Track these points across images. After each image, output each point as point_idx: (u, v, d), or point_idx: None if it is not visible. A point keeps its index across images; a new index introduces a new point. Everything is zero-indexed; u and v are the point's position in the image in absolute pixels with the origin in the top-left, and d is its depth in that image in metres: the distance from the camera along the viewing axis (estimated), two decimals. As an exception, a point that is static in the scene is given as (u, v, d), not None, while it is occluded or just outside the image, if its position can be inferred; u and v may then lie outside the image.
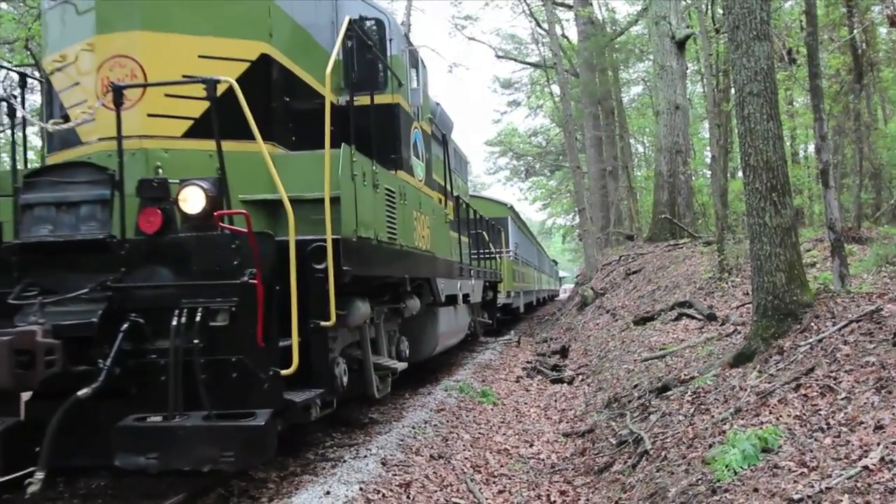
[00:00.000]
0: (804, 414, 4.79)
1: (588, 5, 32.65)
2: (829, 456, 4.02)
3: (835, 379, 5.02)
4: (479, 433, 8.04)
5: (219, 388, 4.72)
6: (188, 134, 5.78)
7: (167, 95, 5.72)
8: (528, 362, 14.21)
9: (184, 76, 5.65)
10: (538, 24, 36.76)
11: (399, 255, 7.08)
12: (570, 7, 34.81)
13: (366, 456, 6.19)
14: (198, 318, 4.74)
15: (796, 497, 3.67)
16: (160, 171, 5.58)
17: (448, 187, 11.59)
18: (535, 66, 43.08)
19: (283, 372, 4.83)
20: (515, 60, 45.69)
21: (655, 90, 26.02)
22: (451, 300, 10.26)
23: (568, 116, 25.87)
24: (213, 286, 4.88)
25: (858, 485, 3.57)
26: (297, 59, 6.68)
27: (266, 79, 6.19)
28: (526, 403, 10.24)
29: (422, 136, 9.44)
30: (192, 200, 5.08)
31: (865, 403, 4.46)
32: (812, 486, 3.71)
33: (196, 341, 4.68)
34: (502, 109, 56.40)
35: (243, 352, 4.79)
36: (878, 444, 3.90)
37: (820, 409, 4.72)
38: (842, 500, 3.49)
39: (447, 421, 8.15)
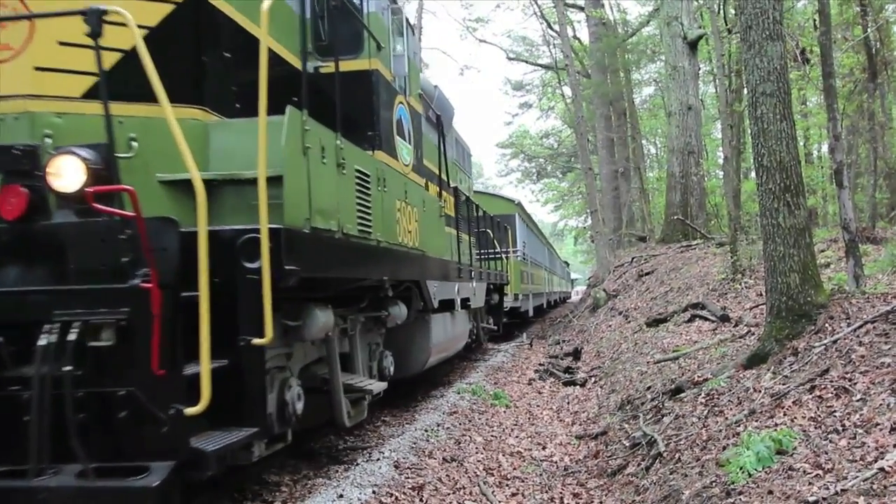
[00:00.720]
0: (819, 415, 4.75)
1: (600, 6, 32.63)
2: (844, 458, 3.99)
3: (850, 380, 4.98)
4: (492, 436, 8.03)
5: (101, 433, 3.56)
6: (91, 94, 4.24)
7: (62, 44, 4.27)
8: (540, 364, 14.19)
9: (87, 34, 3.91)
10: (549, 26, 36.78)
11: (375, 252, 5.83)
12: (581, 8, 34.80)
13: (378, 459, 6.20)
14: (73, 337, 3.49)
15: (811, 499, 3.64)
16: (49, 141, 4.15)
17: (444, 177, 10.09)
18: (546, 67, 43.06)
19: (189, 410, 3.54)
20: (527, 62, 45.68)
21: (667, 91, 25.94)
22: (448, 305, 9.37)
23: (579, 118, 25.83)
24: (95, 292, 3.62)
25: (874, 487, 3.54)
26: (246, 11, 5.18)
27: (195, 26, 4.76)
28: (538, 406, 10.22)
29: (409, 114, 7.93)
30: (67, 174, 3.76)
31: (881, 405, 4.43)
32: (827, 489, 3.69)
33: (70, 368, 3.46)
34: (514, 111, 56.40)
35: (135, 382, 3.54)
36: (894, 446, 3.87)
37: (835, 411, 4.69)
38: (857, 503, 3.46)
39: (460, 424, 8.14)
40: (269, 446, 4.69)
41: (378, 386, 6.48)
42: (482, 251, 14.03)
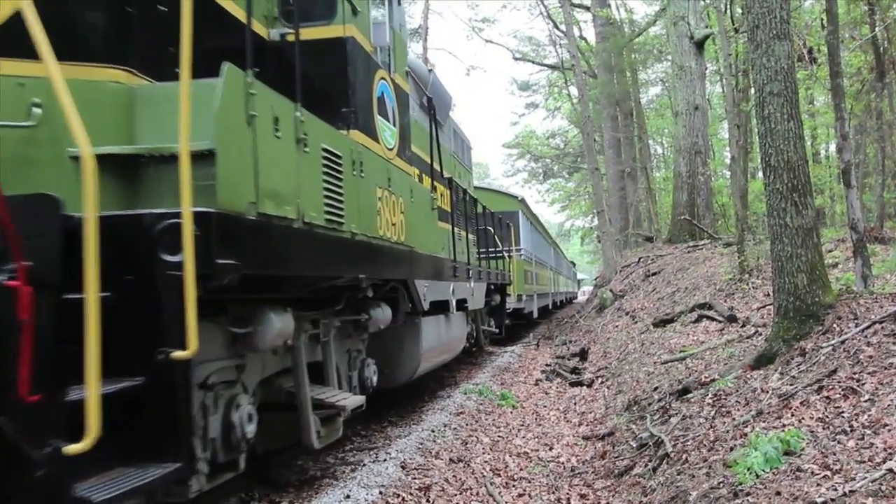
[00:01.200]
0: (827, 416, 4.74)
1: (606, 6, 32.59)
2: (852, 458, 3.98)
3: (858, 381, 4.96)
4: (499, 436, 8.02)
5: None
6: None
7: None
8: (547, 365, 14.17)
9: None
10: (556, 26, 36.77)
11: (349, 246, 5.03)
12: (587, 8, 34.78)
13: (385, 460, 6.20)
14: None
15: (819, 500, 3.63)
16: None
17: (437, 166, 9.24)
18: (552, 67, 43.04)
19: (71, 448, 2.63)
20: (533, 62, 45.66)
21: (674, 91, 25.90)
22: (442, 307, 8.59)
23: (586, 118, 25.80)
24: None
25: (883, 488, 3.52)
26: None
27: None
28: (545, 406, 10.21)
29: (393, 93, 6.93)
30: None
31: (889, 405, 4.41)
32: (836, 490, 3.67)
33: None
34: (520, 112, 56.31)
35: None
36: (903, 447, 3.85)
37: (843, 412, 4.67)
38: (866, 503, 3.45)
39: (466, 424, 8.14)
40: (215, 477, 4.05)
41: (353, 401, 5.54)
42: (484, 250, 13.58)
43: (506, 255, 16.47)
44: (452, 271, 8.94)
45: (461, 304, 9.80)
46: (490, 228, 14.70)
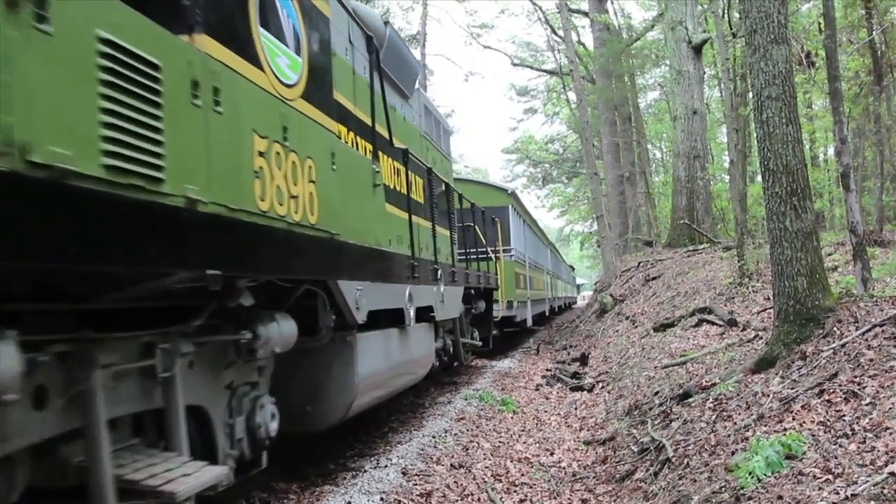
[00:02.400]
0: (828, 420, 4.73)
1: (604, 11, 32.66)
2: (854, 462, 3.97)
3: (859, 384, 4.96)
4: (500, 442, 8.01)
5: None
6: None
7: None
8: (547, 370, 14.17)
9: None
10: (554, 32, 36.82)
11: (180, 221, 3.04)
12: (585, 14, 34.86)
13: (386, 466, 6.19)
14: None
15: (821, 504, 3.62)
16: None
17: (382, 130, 6.82)
18: (551, 73, 43.11)
19: None
20: (531, 68, 45.76)
21: (672, 95, 25.94)
22: (394, 318, 6.74)
23: (584, 123, 25.83)
24: None
25: (885, 491, 3.52)
26: None
27: None
28: (546, 411, 10.20)
29: (297, 10, 4.80)
30: None
31: (890, 408, 4.41)
32: (837, 493, 3.67)
33: None
34: (519, 117, 56.34)
35: None
36: (905, 450, 3.85)
37: (844, 415, 4.67)
38: (868, 508, 3.45)
39: (467, 430, 8.13)
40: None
41: (196, 482, 3.23)
42: (466, 251, 11.87)
43: (492, 255, 14.61)
44: (410, 271, 7.02)
45: (425, 314, 8.00)
46: (475, 226, 13.15)
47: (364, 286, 5.56)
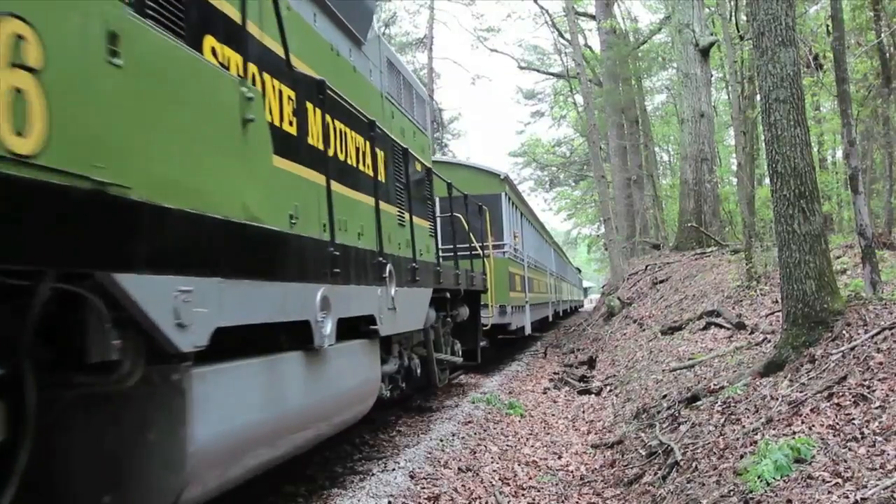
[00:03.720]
0: (837, 423, 4.72)
1: (611, 15, 32.64)
2: (864, 466, 3.96)
3: (868, 387, 4.94)
4: (507, 445, 8.00)
5: None
6: None
7: None
8: (554, 373, 14.15)
9: None
10: (561, 35, 36.85)
11: None
12: (592, 17, 34.84)
13: (394, 469, 6.19)
14: None
15: (831, 508, 3.61)
16: None
17: (270, 44, 4.58)
18: (558, 76, 43.14)
19: None
20: (538, 71, 45.86)
21: (680, 98, 25.92)
22: (298, 336, 4.40)
23: (592, 126, 25.81)
24: None
25: (895, 495, 3.51)
26: None
27: None
28: (554, 415, 10.18)
29: None
30: None
31: (900, 412, 4.39)
32: (847, 497, 3.65)
33: None
34: (526, 120, 56.57)
35: None
36: (915, 454, 3.84)
37: (853, 419, 4.65)
38: (878, 511, 3.43)
39: (475, 433, 8.12)
40: None
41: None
42: (451, 246, 10.18)
43: (481, 251, 12.42)
44: (329, 265, 4.81)
45: (362, 326, 5.70)
46: (461, 217, 11.23)
47: (203, 286, 3.18)
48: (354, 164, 6.10)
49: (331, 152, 5.45)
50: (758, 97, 9.14)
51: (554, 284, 27.84)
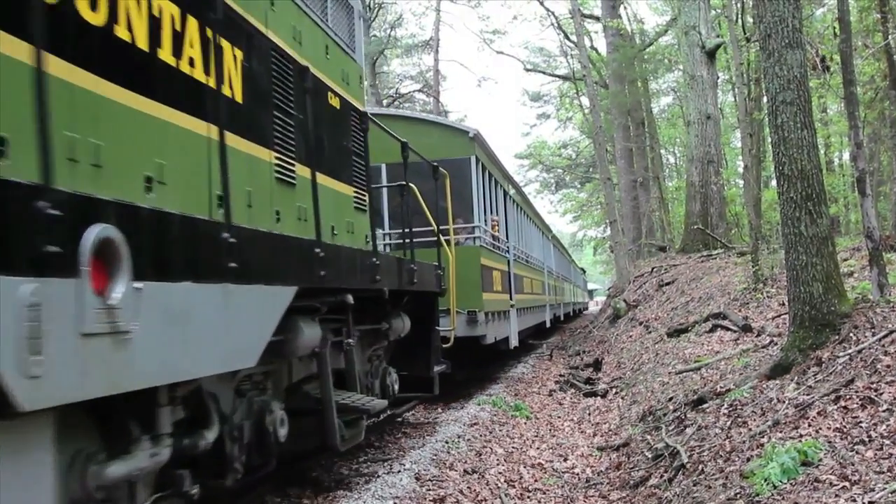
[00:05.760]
0: (845, 426, 4.70)
1: (617, 17, 32.63)
2: (871, 469, 3.94)
3: (876, 390, 4.92)
4: (513, 447, 8.00)
5: None
6: None
7: None
8: (560, 375, 14.13)
9: None
10: (566, 37, 36.87)
11: None
12: (598, 19, 34.84)
13: (399, 471, 6.19)
14: None
15: (838, 511, 3.60)
16: None
17: None
18: (564, 78, 43.13)
19: None
20: (544, 73, 45.82)
21: (686, 100, 25.91)
22: None
23: (598, 128, 25.78)
24: None
25: (902, 499, 3.49)
26: None
27: None
28: (559, 417, 10.17)
29: None
30: None
31: (908, 415, 4.38)
32: (854, 501, 3.64)
33: None
34: (531, 122, 56.43)
35: None
36: (923, 457, 3.82)
37: (861, 422, 4.64)
38: (886, 515, 3.42)
39: (480, 435, 8.12)
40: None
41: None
42: (405, 229, 8.21)
43: (439, 237, 8.96)
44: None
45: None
46: (413, 187, 8.36)
47: None
48: (151, 52, 3.32)
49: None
50: (764, 99, 9.12)
51: (553, 285, 24.56)
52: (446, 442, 7.43)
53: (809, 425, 4.95)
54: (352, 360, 5.95)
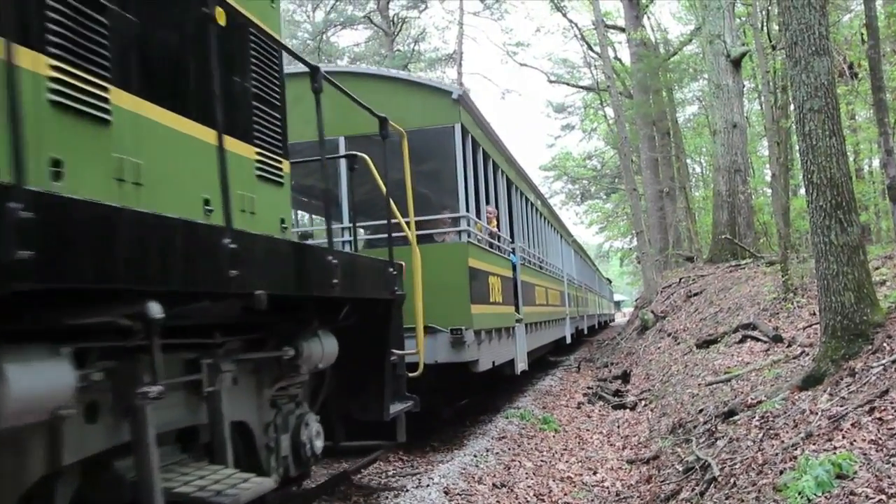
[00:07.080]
0: (880, 438, 4.62)
1: (640, 27, 32.56)
2: (908, 482, 3.87)
3: (911, 401, 4.84)
4: (542, 461, 7.95)
5: None
6: None
7: None
8: (588, 388, 14.05)
9: None
10: (590, 48, 36.86)
11: None
12: (622, 29, 34.79)
13: (428, 485, 6.18)
14: None
15: (875, 525, 3.53)
16: None
17: None
18: (588, 89, 43.10)
19: None
20: (568, 84, 45.81)
21: (711, 109, 25.73)
22: None
23: (623, 139, 25.70)
24: None
25: (941, 512, 3.42)
26: None
27: None
28: (588, 430, 10.10)
29: None
30: None
31: (945, 427, 4.30)
32: (891, 514, 3.58)
33: None
34: (556, 134, 56.47)
35: None
36: (961, 470, 3.74)
37: (896, 433, 4.56)
38: (924, 529, 3.35)
39: (509, 449, 8.09)
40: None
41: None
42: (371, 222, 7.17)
43: (406, 229, 6.67)
44: None
45: None
46: (364, 156, 6.26)
47: None
48: None
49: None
50: (791, 107, 9.04)
51: (574, 295, 21.84)
52: (475, 455, 7.41)
53: (843, 437, 4.87)
54: (217, 410, 3.72)
